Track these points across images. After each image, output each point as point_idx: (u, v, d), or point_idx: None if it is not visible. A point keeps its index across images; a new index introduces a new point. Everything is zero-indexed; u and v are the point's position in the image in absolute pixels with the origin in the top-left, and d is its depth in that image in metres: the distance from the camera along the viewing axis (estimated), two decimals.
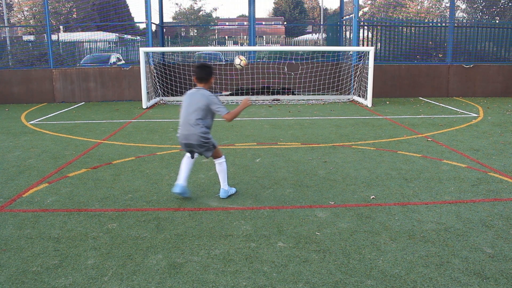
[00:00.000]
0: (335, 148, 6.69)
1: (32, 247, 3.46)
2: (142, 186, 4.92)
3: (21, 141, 7.41)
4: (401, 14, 16.60)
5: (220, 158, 4.50)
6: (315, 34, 37.76)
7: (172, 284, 2.92)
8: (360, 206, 4.28)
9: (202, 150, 4.35)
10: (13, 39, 18.19)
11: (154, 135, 7.82)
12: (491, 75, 13.55)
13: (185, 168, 4.51)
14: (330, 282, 2.91)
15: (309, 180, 5.10)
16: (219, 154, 4.50)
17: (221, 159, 4.50)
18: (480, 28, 14.50)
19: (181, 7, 53.11)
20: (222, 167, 4.51)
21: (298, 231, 3.70)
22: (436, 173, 5.31)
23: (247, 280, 2.96)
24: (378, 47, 14.23)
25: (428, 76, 13.49)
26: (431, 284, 2.88)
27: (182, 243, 3.50)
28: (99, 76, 13.09)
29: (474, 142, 7.02)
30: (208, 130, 4.35)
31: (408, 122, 8.91)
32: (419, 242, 3.47)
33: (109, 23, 14.92)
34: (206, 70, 4.41)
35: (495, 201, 4.38)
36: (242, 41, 41.70)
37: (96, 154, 6.42)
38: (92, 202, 4.43)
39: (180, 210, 4.22)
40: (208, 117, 4.36)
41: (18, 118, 10.01)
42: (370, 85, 11.43)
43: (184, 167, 4.51)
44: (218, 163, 4.51)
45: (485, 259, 3.20)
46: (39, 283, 2.94)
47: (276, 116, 9.86)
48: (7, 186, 4.98)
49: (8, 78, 12.95)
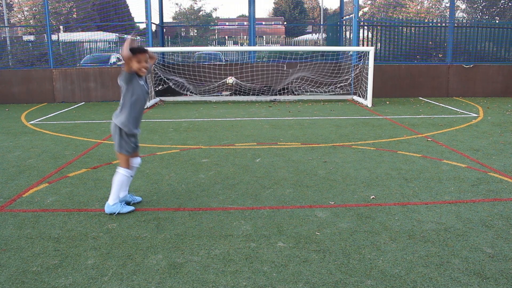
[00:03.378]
0: (335, 148, 6.69)
1: (32, 247, 3.46)
2: (142, 186, 4.92)
3: (21, 141, 7.41)
4: (401, 14, 16.60)
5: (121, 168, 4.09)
6: (315, 34, 37.76)
7: (172, 284, 2.92)
8: (360, 206, 4.28)
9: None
10: (13, 39, 18.18)
11: (154, 135, 7.82)
12: (491, 75, 13.55)
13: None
14: (330, 282, 2.91)
15: (309, 180, 5.11)
16: (122, 163, 4.09)
17: (121, 169, 4.09)
18: (480, 28, 14.50)
19: (181, 7, 53.12)
20: (117, 177, 4.09)
21: (298, 231, 3.70)
22: (436, 173, 5.31)
23: (247, 280, 2.96)
24: (378, 47, 14.23)
25: (428, 76, 13.49)
26: (431, 284, 2.88)
27: (182, 243, 3.50)
28: (99, 76, 13.09)
29: (474, 142, 7.02)
30: (121, 119, 3.99)
31: (408, 122, 8.91)
32: (419, 242, 3.48)
33: (109, 23, 14.92)
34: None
35: (495, 201, 4.38)
36: (242, 41, 41.69)
37: (96, 154, 6.42)
38: (92, 202, 4.43)
39: (180, 210, 4.22)
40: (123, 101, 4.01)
41: (18, 118, 10.01)
42: (370, 85, 11.43)
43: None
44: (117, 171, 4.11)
45: (485, 259, 3.20)
46: (39, 283, 2.94)
47: (276, 116, 9.86)
48: (7, 186, 4.98)
49: (8, 78, 12.95)
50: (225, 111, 10.68)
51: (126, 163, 4.09)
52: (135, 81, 3.98)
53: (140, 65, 3.95)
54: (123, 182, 4.09)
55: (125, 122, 4.00)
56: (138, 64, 3.92)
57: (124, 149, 4.03)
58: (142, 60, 3.95)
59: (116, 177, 4.08)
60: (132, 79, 3.95)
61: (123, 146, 4.03)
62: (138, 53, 3.90)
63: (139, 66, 3.94)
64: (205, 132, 8.03)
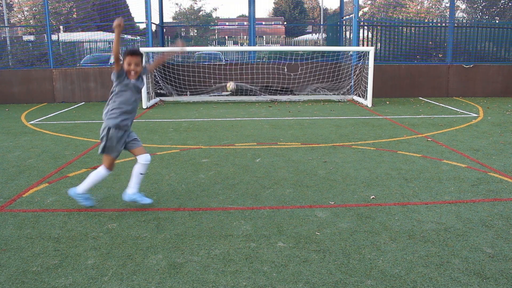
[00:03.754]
0: (335, 148, 6.69)
1: (32, 247, 3.46)
2: (142, 186, 4.92)
3: (21, 141, 7.41)
4: (401, 14, 16.61)
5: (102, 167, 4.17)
6: (315, 34, 37.77)
7: (172, 284, 2.92)
8: (360, 206, 4.28)
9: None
10: (13, 39, 18.18)
11: (154, 135, 7.82)
12: (491, 75, 13.55)
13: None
14: (330, 282, 2.91)
15: (309, 180, 5.11)
16: (105, 163, 4.15)
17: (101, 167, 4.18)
18: (480, 28, 14.50)
19: (181, 7, 53.12)
20: (95, 173, 4.21)
21: (298, 231, 3.70)
22: (436, 173, 5.31)
23: (247, 280, 2.96)
24: (378, 47, 14.23)
25: (428, 76, 13.49)
26: (431, 284, 2.88)
27: (182, 243, 3.50)
28: (99, 76, 13.09)
29: (474, 142, 7.02)
30: (111, 112, 4.03)
31: (408, 122, 8.91)
32: (419, 242, 3.48)
33: (109, 23, 14.91)
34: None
35: (495, 201, 4.38)
36: (242, 41, 41.70)
37: (96, 154, 6.42)
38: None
39: (180, 210, 4.22)
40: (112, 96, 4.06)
41: (18, 118, 10.01)
42: (370, 85, 11.43)
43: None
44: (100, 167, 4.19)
45: (485, 259, 3.20)
46: (39, 283, 2.94)
47: (276, 116, 9.86)
48: (7, 186, 4.98)
49: (8, 78, 12.95)
50: (225, 111, 10.68)
51: (108, 163, 4.14)
52: (124, 79, 3.98)
53: (129, 67, 3.93)
54: (98, 179, 4.20)
55: (108, 114, 3.99)
56: (127, 66, 3.93)
57: (109, 150, 4.05)
58: (132, 63, 3.93)
59: (96, 171, 4.19)
60: (120, 77, 3.95)
61: (107, 148, 4.04)
62: (127, 55, 3.92)
63: (128, 68, 3.93)
64: (205, 132, 8.03)
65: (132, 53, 3.93)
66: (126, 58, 3.93)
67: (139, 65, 3.96)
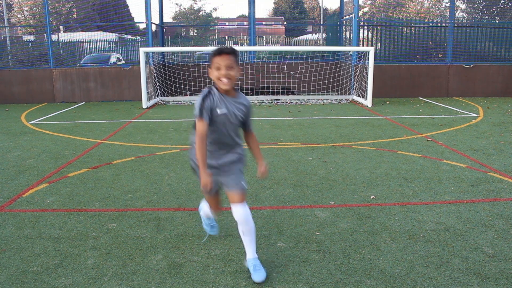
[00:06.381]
0: (335, 148, 6.69)
1: (32, 247, 3.46)
2: (142, 186, 4.92)
3: (21, 141, 7.41)
4: (401, 14, 16.61)
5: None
6: (315, 34, 37.76)
7: (172, 284, 2.91)
8: (360, 206, 4.28)
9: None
10: (13, 39, 18.17)
11: (154, 135, 7.82)
12: (491, 75, 13.54)
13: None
14: (330, 282, 2.91)
15: (309, 180, 5.10)
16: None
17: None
18: (480, 28, 14.50)
19: (181, 7, 53.14)
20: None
21: (298, 231, 3.70)
22: (436, 173, 5.31)
23: (247, 280, 2.96)
24: (378, 47, 14.23)
25: (428, 76, 13.49)
26: (431, 284, 2.88)
27: (182, 243, 3.50)
28: (99, 76, 13.09)
29: (474, 142, 7.02)
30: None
31: (408, 122, 8.91)
32: (419, 242, 3.47)
33: (109, 23, 14.92)
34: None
35: (495, 201, 4.38)
36: (242, 41, 41.69)
37: (96, 154, 6.42)
38: (92, 202, 4.43)
39: (180, 210, 4.22)
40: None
41: (18, 118, 10.01)
42: (370, 85, 11.43)
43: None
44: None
45: (485, 259, 3.20)
46: (39, 283, 2.94)
47: (276, 116, 9.86)
48: (7, 186, 4.98)
49: (8, 78, 12.95)
50: None
51: (208, 201, 3.30)
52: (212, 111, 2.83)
53: (219, 72, 2.77)
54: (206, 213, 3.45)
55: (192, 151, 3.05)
56: (216, 71, 2.79)
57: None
58: (221, 67, 2.76)
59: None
60: (207, 107, 2.80)
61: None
62: (216, 55, 2.78)
63: (217, 74, 2.78)
64: None
65: (220, 53, 2.77)
66: (213, 59, 2.79)
67: (232, 67, 2.79)
